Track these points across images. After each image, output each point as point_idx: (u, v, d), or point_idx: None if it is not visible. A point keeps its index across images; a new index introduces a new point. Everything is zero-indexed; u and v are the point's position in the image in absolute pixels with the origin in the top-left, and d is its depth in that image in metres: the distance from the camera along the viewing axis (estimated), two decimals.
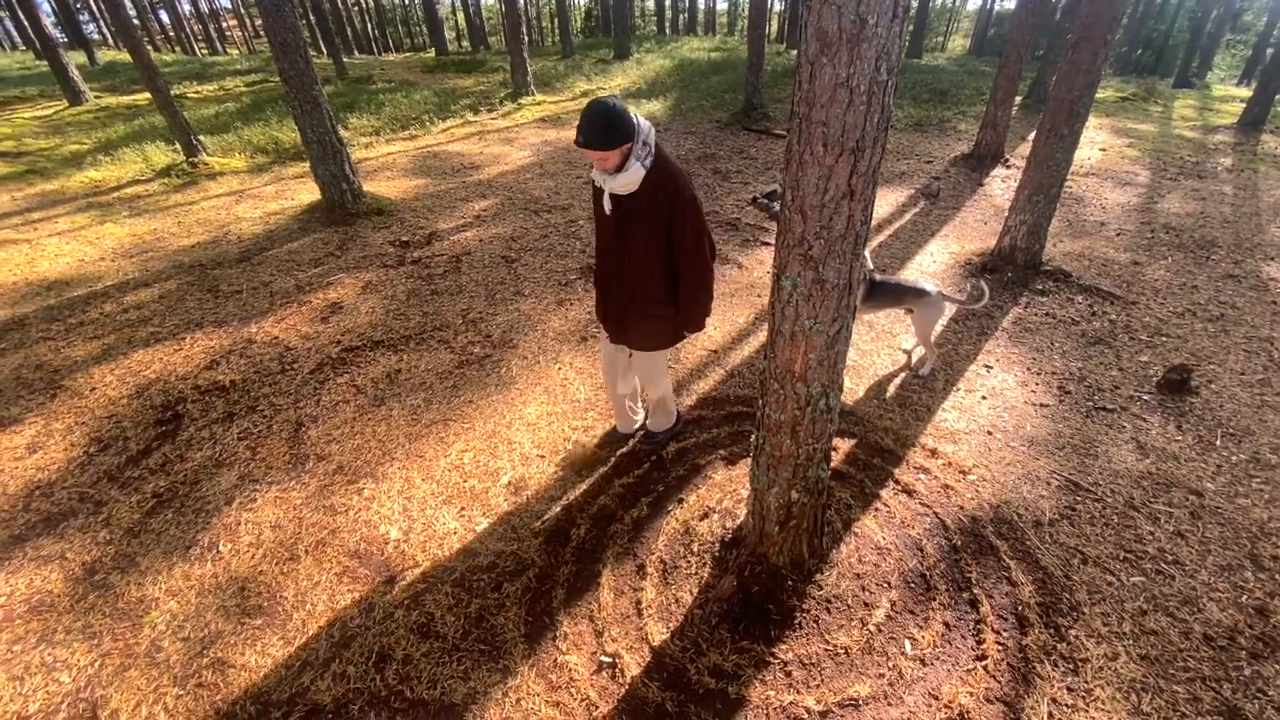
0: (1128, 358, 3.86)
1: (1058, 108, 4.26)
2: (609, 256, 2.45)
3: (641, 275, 2.39)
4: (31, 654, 2.34)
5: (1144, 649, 2.26)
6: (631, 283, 2.42)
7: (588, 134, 1.99)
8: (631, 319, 2.52)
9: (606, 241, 2.43)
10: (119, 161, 8.27)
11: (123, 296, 4.91)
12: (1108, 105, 9.72)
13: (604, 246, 2.46)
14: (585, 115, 1.99)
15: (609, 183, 2.16)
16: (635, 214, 2.23)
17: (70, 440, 3.40)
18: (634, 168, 2.11)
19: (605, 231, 2.41)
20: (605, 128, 1.99)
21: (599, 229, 2.46)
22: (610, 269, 2.47)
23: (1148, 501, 2.86)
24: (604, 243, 2.45)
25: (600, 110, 1.99)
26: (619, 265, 2.41)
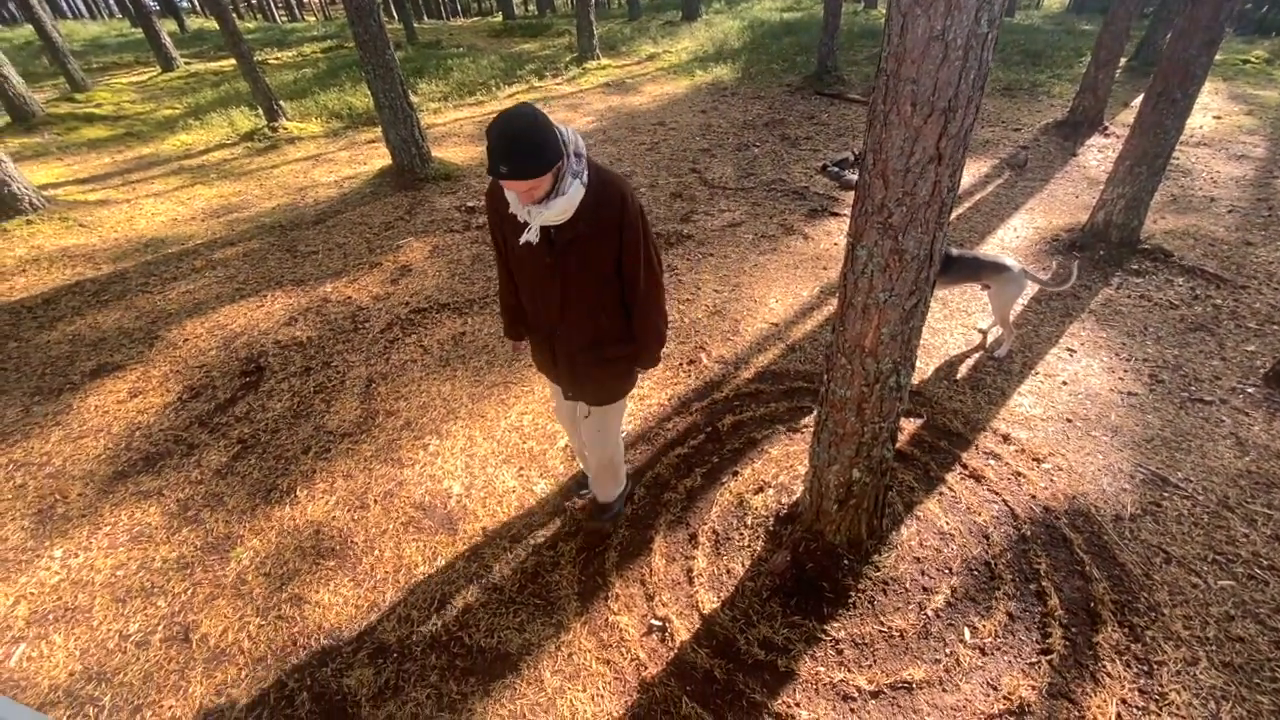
0: (1232, 346, 3.54)
1: (1171, 69, 3.88)
2: (541, 301, 1.90)
3: (592, 315, 1.91)
4: (132, 579, 2.57)
5: (1228, 656, 2.12)
6: (580, 328, 1.93)
7: (515, 160, 1.46)
8: (587, 370, 2.03)
9: (534, 284, 1.88)
10: (207, 126, 8.70)
11: (211, 254, 5.21)
12: (1225, 69, 8.78)
13: (532, 290, 1.91)
14: (503, 136, 1.44)
15: (538, 215, 1.63)
16: (575, 244, 1.73)
17: (166, 387, 3.67)
18: (572, 188, 1.61)
19: (531, 272, 1.85)
20: (536, 148, 1.47)
21: (519, 270, 1.89)
22: (547, 316, 1.93)
23: (1244, 502, 2.65)
24: (531, 285, 1.90)
25: (524, 128, 1.45)
26: (559, 310, 1.88)
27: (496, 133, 1.44)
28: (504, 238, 1.83)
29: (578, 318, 1.91)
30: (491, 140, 1.45)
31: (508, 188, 1.53)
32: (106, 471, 3.10)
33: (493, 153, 1.46)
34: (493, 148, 1.45)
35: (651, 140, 7.24)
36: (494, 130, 1.45)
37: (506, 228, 1.77)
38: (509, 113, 1.46)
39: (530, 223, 1.66)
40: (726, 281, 4.40)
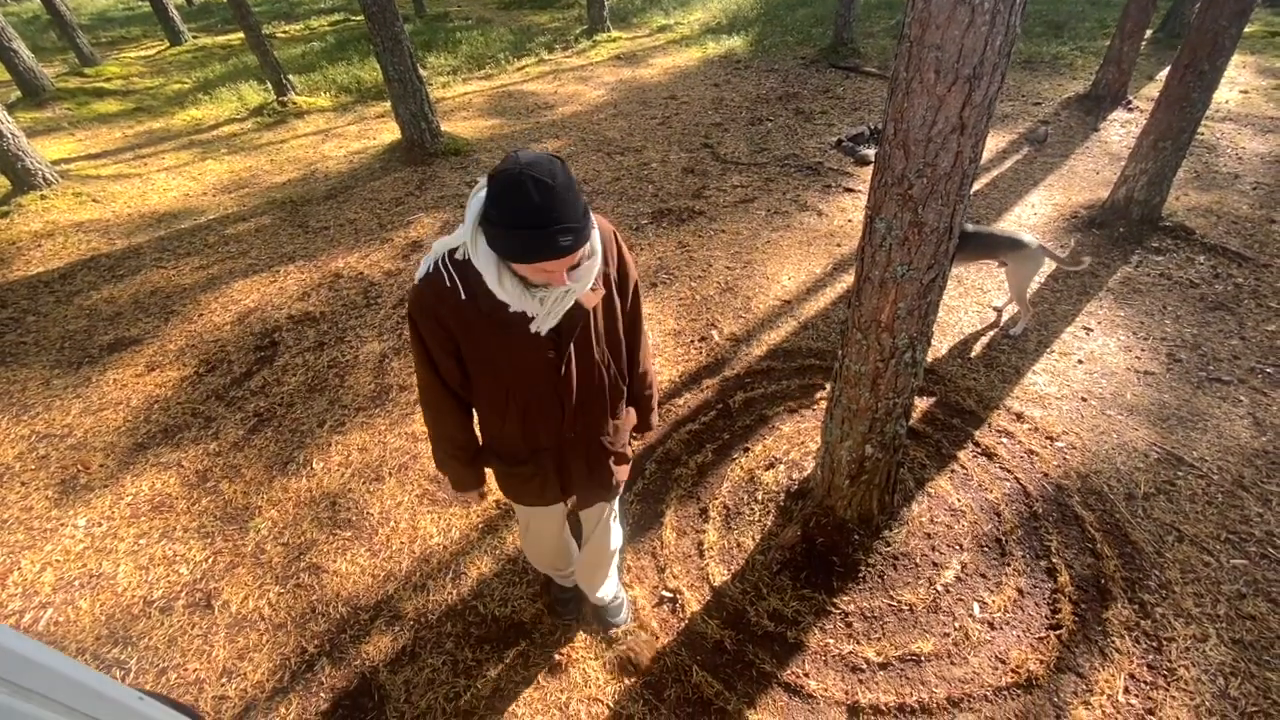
0: (1252, 326, 3.49)
1: (1200, 39, 3.76)
2: (540, 410, 1.42)
3: (604, 397, 1.48)
4: (155, 548, 2.63)
5: (1238, 634, 2.12)
6: (596, 421, 1.51)
7: (574, 222, 1.05)
8: (605, 465, 1.60)
9: (528, 392, 1.38)
10: (217, 100, 8.66)
11: (224, 229, 5.23)
12: (1254, 41, 8.49)
13: (525, 401, 1.39)
14: (547, 196, 1.01)
15: (563, 294, 1.20)
16: (586, 317, 1.32)
17: (182, 361, 3.71)
18: (596, 237, 1.20)
19: (523, 378, 1.36)
20: (579, 198, 1.07)
21: (493, 384, 1.37)
22: (549, 426, 1.45)
23: (1260, 481, 2.63)
24: (524, 396, 1.38)
25: (559, 177, 1.03)
26: (572, 412, 1.44)
27: (535, 195, 0.99)
28: (458, 351, 1.31)
29: (591, 411, 1.47)
30: (527, 205, 1.00)
31: (548, 268, 1.07)
32: (126, 443, 3.16)
33: (536, 221, 1.01)
34: (536, 211, 1.00)
35: (663, 114, 7.14)
36: (524, 192, 1.00)
37: (473, 335, 1.26)
38: (531, 166, 1.01)
39: (542, 310, 1.20)
40: (738, 258, 4.37)
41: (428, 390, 1.41)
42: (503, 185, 1.03)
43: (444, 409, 1.43)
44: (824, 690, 2.02)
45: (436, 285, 1.21)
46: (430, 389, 1.40)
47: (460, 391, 1.41)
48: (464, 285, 1.19)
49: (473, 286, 1.19)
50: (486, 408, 1.44)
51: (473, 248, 1.14)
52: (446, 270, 1.19)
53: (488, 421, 1.48)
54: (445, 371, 1.35)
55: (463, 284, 1.19)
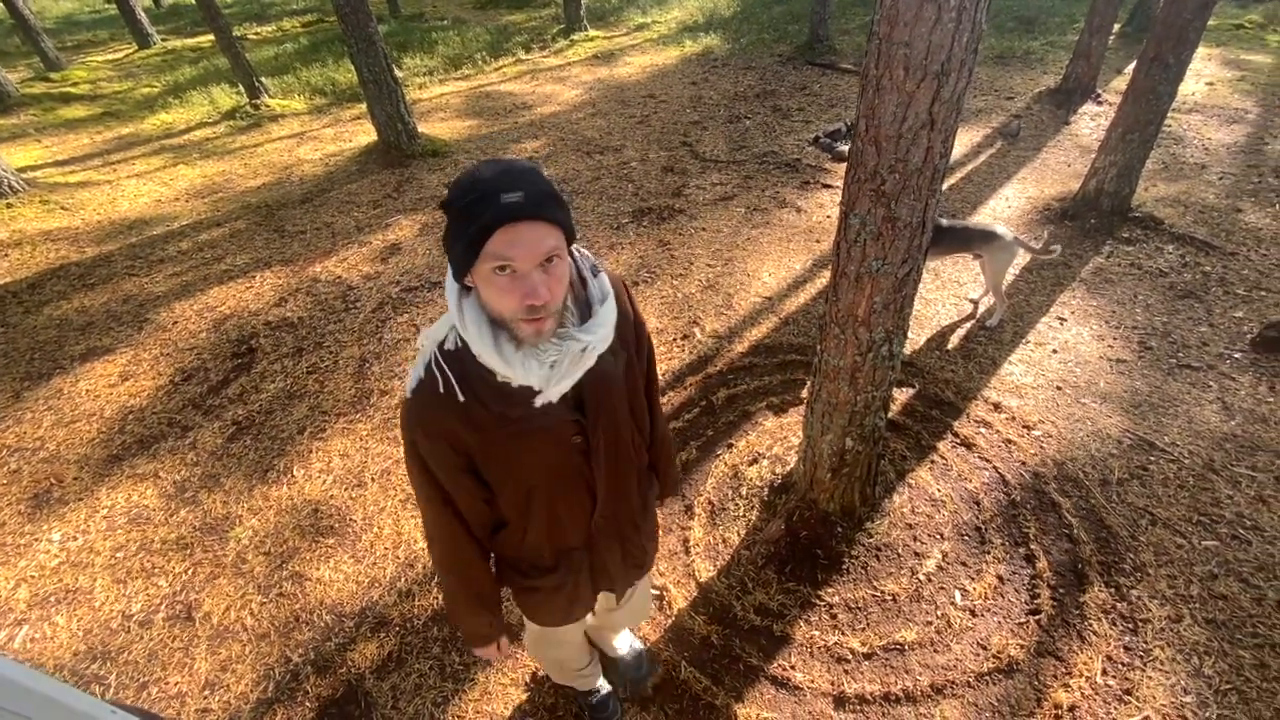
0: (1220, 313, 3.58)
1: (1164, 33, 3.84)
2: (566, 506, 1.19)
3: (631, 464, 1.25)
4: (132, 561, 2.59)
5: (1211, 613, 2.18)
6: (625, 506, 1.29)
7: (528, 186, 0.87)
8: (641, 547, 1.40)
9: (552, 486, 1.15)
10: (188, 104, 8.51)
11: (197, 235, 5.14)
12: (1218, 33, 8.69)
13: (549, 498, 1.16)
14: (498, 165, 0.89)
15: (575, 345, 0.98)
16: (609, 388, 1.12)
17: (157, 370, 3.64)
18: (604, 282, 1.06)
19: (546, 471, 1.12)
20: (546, 182, 0.91)
21: (514, 487, 1.12)
22: (577, 523, 1.23)
23: (1229, 464, 2.70)
24: (547, 492, 1.15)
25: (516, 161, 0.91)
26: (603, 501, 1.21)
27: (486, 167, 0.89)
28: (471, 465, 1.07)
29: (622, 492, 1.25)
30: (479, 177, 0.87)
31: (506, 252, 0.86)
32: (101, 455, 3.10)
33: (485, 186, 0.86)
34: (485, 180, 0.86)
35: (642, 113, 7.14)
36: (478, 170, 0.89)
37: (487, 442, 1.03)
38: (490, 160, 0.92)
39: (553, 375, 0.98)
40: (719, 255, 4.38)
41: (439, 530, 1.13)
42: (459, 176, 0.90)
43: (463, 554, 1.17)
44: (810, 682, 2.04)
45: (434, 394, 0.98)
46: (442, 527, 1.12)
47: (477, 520, 1.14)
48: (462, 384, 0.98)
49: (473, 382, 0.99)
50: (507, 519, 1.18)
51: (459, 314, 0.95)
52: (440, 372, 0.98)
53: (506, 537, 1.21)
54: (461, 499, 1.09)
55: (460, 383, 0.98)
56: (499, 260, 0.87)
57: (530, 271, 0.88)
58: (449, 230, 0.90)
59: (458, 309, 0.95)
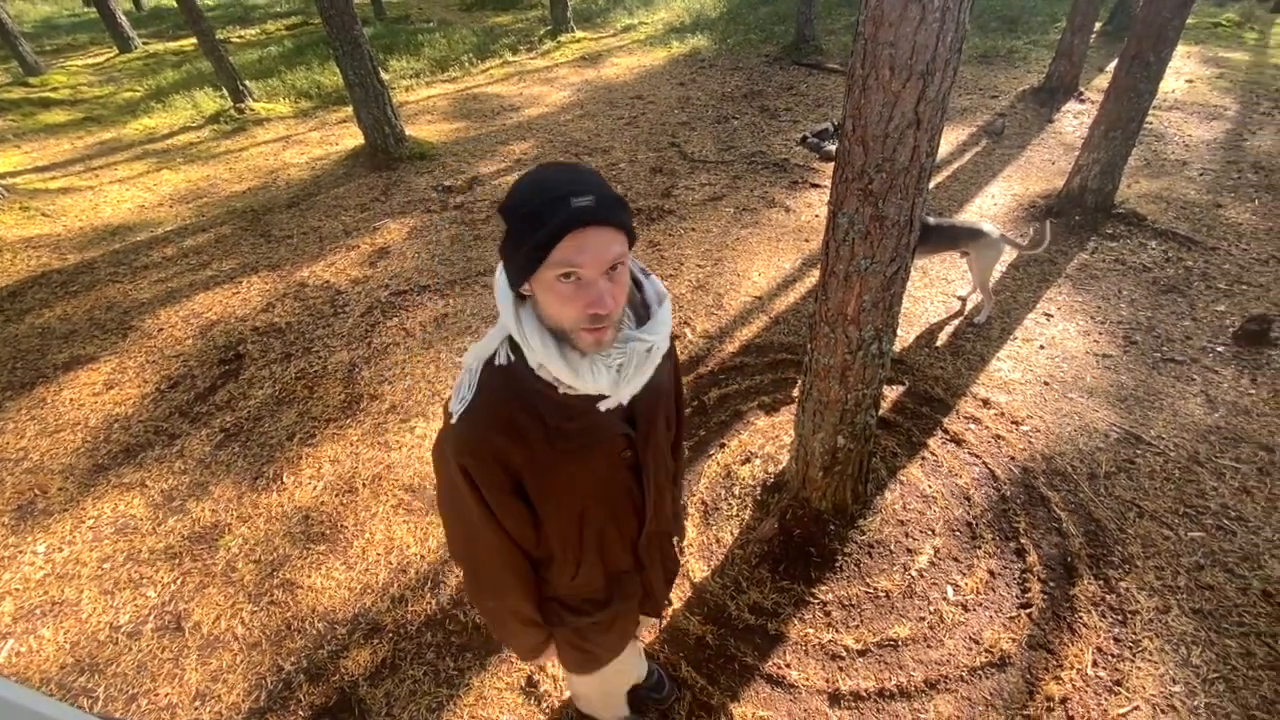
0: (1202, 307, 3.63)
1: (1145, 31, 3.89)
2: (616, 523, 1.15)
3: (668, 476, 1.25)
4: (120, 571, 2.55)
5: (1198, 603, 2.21)
6: (660, 508, 1.23)
7: (599, 191, 0.82)
8: (669, 552, 1.38)
9: (604, 501, 1.10)
10: (170, 108, 8.42)
11: (182, 241, 5.09)
12: (1198, 32, 8.82)
13: (603, 516, 1.11)
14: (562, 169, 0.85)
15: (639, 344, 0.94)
16: (658, 399, 1.09)
17: (143, 378, 3.60)
18: (656, 282, 1.03)
19: (607, 473, 1.07)
20: (608, 185, 0.86)
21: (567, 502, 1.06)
22: (626, 537, 1.19)
23: (1214, 456, 2.74)
24: (602, 509, 1.11)
25: (579, 165, 0.87)
26: (649, 517, 1.17)
27: (551, 171, 0.84)
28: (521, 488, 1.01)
29: (660, 511, 1.23)
30: (546, 180, 0.82)
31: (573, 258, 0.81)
32: (86, 464, 3.06)
33: (554, 190, 0.81)
34: (553, 183, 0.82)
35: (629, 114, 7.15)
36: (543, 173, 0.84)
37: (539, 460, 0.97)
38: (551, 164, 0.87)
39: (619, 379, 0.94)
40: (709, 256, 4.39)
41: (491, 551, 1.07)
42: (522, 181, 0.85)
43: (519, 569, 1.11)
44: (805, 680, 2.05)
45: (486, 413, 0.93)
46: (493, 548, 1.06)
47: (527, 543, 1.09)
48: (516, 401, 0.93)
49: (529, 398, 0.93)
50: (555, 552, 1.12)
51: (515, 323, 0.88)
52: (493, 388, 0.93)
53: (556, 573, 1.15)
54: (510, 523, 1.03)
55: (514, 400, 0.93)
56: (566, 267, 0.81)
57: (596, 279, 0.83)
58: (510, 236, 0.85)
59: (515, 319, 0.89)
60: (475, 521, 1.03)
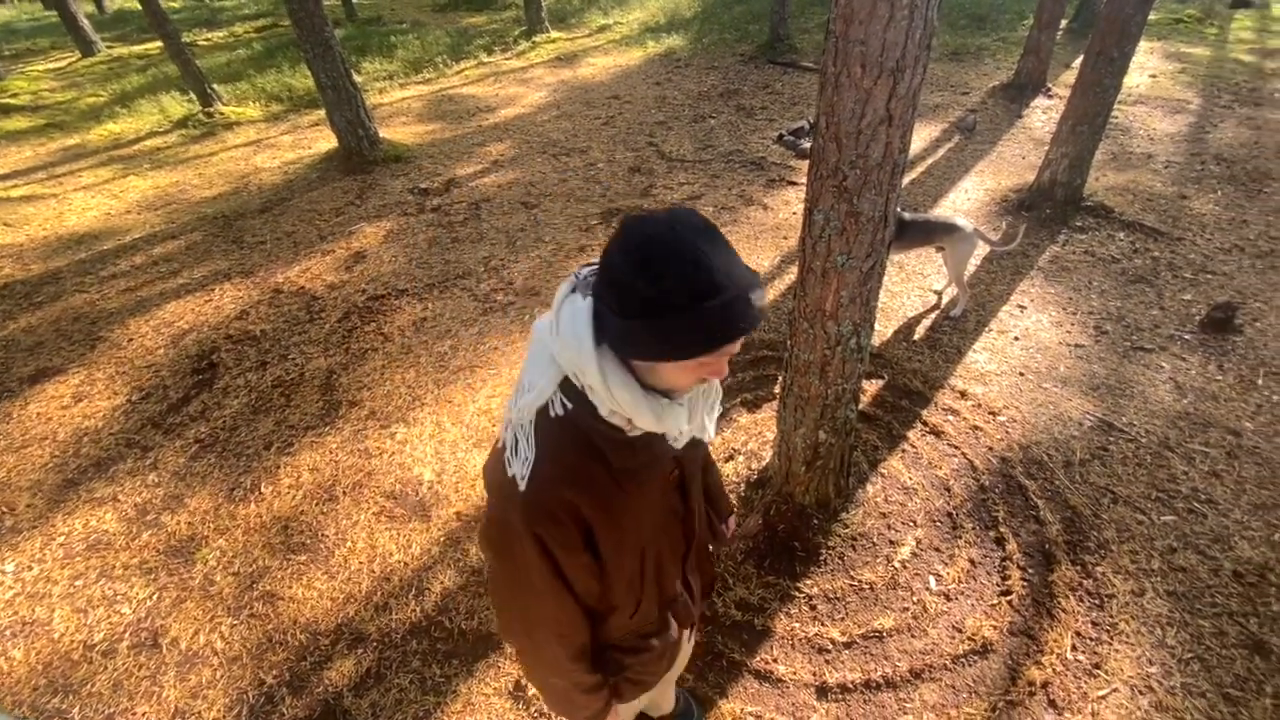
0: (1170, 296, 3.72)
1: (1109, 28, 3.98)
2: (675, 537, 1.14)
3: (700, 494, 1.23)
4: (93, 588, 2.49)
5: (1172, 585, 2.26)
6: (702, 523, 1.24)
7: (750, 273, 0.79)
8: (707, 570, 1.36)
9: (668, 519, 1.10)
10: (136, 113, 8.23)
11: (151, 249, 4.97)
12: (1160, 28, 9.04)
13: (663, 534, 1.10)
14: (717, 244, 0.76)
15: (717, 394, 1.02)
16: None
17: (113, 389, 3.51)
18: None
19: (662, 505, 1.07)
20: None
21: (650, 523, 1.04)
22: (679, 553, 1.17)
23: (1183, 441, 2.81)
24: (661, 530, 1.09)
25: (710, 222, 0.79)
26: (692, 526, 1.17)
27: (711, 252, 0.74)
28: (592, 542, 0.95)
29: (703, 521, 1.24)
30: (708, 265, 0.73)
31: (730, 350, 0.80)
32: (55, 480, 2.97)
33: (737, 284, 0.75)
34: (733, 277, 0.75)
35: (606, 114, 7.14)
36: (698, 252, 0.74)
37: (609, 509, 0.92)
38: (677, 218, 0.76)
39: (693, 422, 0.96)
40: None
41: (563, 625, 1.00)
42: (661, 252, 0.73)
43: (580, 645, 1.05)
44: (793, 674, 2.06)
45: (555, 470, 0.86)
46: (564, 621, 1.00)
47: (591, 598, 1.03)
48: (580, 450, 0.88)
49: (594, 442, 0.88)
50: (617, 598, 1.06)
51: (599, 377, 0.81)
52: (554, 439, 0.87)
53: (616, 618, 1.09)
54: (580, 582, 0.97)
55: (579, 450, 0.88)
56: (726, 356, 0.80)
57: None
58: (671, 322, 0.74)
59: (600, 375, 0.81)
60: (543, 596, 0.95)
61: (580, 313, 0.81)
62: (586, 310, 0.81)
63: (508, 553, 0.92)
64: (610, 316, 0.78)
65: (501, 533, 0.92)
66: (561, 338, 0.83)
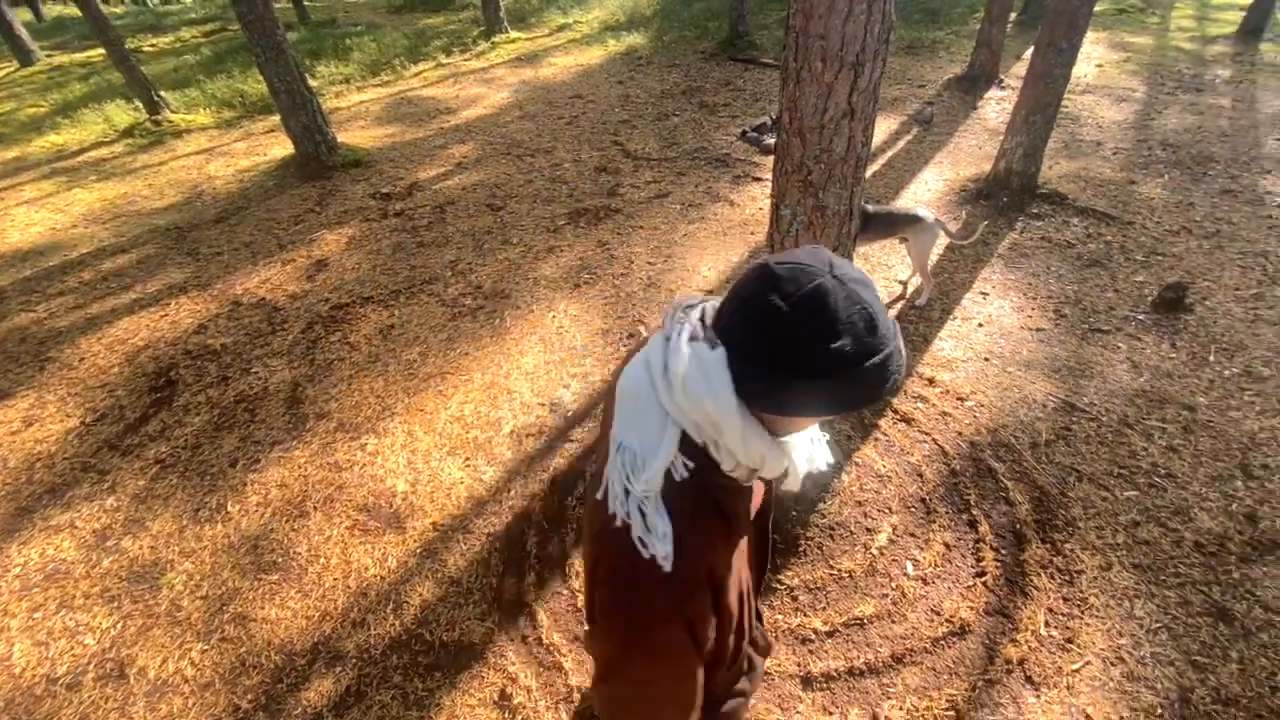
0: (1123, 278, 3.85)
1: (1056, 19, 4.09)
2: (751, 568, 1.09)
3: None
4: (53, 620, 2.38)
5: (1137, 558, 2.34)
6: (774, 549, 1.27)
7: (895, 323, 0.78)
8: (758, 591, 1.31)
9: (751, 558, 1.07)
10: (80, 123, 7.91)
11: (100, 264, 4.78)
12: (1105, 18, 9.35)
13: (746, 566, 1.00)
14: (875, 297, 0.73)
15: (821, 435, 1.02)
16: None
17: (65, 412, 3.37)
18: None
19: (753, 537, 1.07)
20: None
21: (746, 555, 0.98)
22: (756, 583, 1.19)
23: (1141, 419, 2.90)
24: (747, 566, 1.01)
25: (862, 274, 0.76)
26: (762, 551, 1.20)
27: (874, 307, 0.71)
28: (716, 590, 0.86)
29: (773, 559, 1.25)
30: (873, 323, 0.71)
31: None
32: (7, 509, 2.84)
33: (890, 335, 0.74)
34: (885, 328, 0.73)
35: (570, 114, 7.10)
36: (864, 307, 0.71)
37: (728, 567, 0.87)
38: (835, 266, 0.72)
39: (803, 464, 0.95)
40: (659, 253, 4.40)
41: (690, 706, 0.89)
42: (836, 309, 0.69)
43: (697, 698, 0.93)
44: (778, 665, 2.07)
45: (695, 536, 0.80)
46: (691, 702, 0.89)
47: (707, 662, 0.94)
48: (707, 513, 0.83)
49: (716, 499, 0.84)
50: (723, 652, 0.97)
51: (740, 435, 0.76)
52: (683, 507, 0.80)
53: (718, 668, 1.00)
54: (707, 650, 0.87)
55: (706, 513, 0.82)
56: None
57: None
58: (838, 380, 0.71)
59: (742, 433, 0.77)
60: (682, 679, 0.86)
61: (714, 365, 0.74)
62: (721, 363, 0.74)
63: (643, 645, 0.81)
64: (751, 369, 0.73)
65: (636, 624, 0.80)
66: (690, 394, 0.75)
